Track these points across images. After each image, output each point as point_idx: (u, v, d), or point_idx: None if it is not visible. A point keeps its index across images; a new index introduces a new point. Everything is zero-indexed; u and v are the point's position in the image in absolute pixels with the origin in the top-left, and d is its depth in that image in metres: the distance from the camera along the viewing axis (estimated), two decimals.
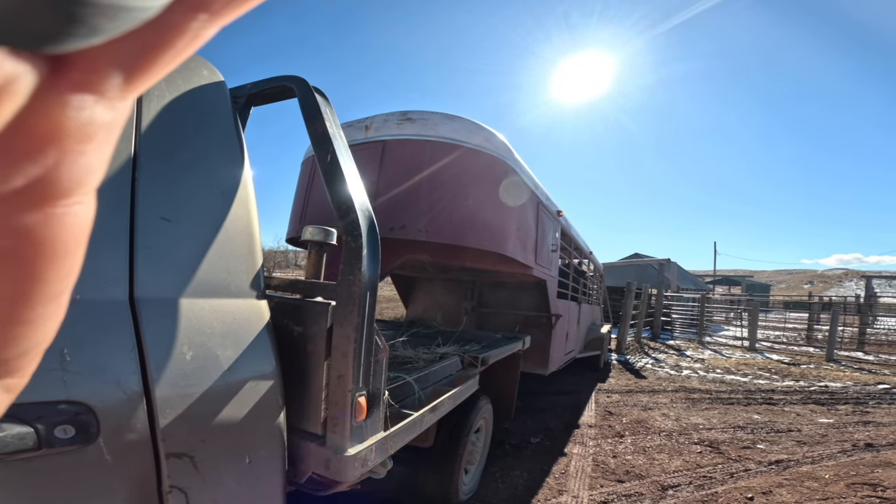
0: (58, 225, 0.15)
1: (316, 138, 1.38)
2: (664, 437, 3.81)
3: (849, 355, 10.29)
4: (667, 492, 2.67)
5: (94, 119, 0.15)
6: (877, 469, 3.15)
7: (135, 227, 0.88)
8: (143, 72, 0.15)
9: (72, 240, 0.16)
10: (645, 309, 11.95)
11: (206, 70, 1.19)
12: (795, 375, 7.52)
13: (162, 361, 0.85)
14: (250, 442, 1.03)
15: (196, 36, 0.16)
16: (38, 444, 0.66)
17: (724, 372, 7.59)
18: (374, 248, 1.29)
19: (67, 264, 0.16)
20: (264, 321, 1.14)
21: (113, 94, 0.15)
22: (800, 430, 4.16)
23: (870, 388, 6.57)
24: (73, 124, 0.14)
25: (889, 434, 4.13)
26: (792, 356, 9.89)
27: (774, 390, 6.22)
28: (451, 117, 2.75)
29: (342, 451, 1.19)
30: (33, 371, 0.18)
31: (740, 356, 9.71)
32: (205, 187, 1.08)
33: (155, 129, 0.98)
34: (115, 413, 0.76)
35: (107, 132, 0.16)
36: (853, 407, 5.27)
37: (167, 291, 0.92)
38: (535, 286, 3.99)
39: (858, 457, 3.44)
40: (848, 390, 6.34)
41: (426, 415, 1.73)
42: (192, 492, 0.88)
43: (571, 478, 2.87)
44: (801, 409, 5.06)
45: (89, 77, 0.15)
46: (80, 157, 0.15)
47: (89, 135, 0.15)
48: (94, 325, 0.77)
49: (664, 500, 2.59)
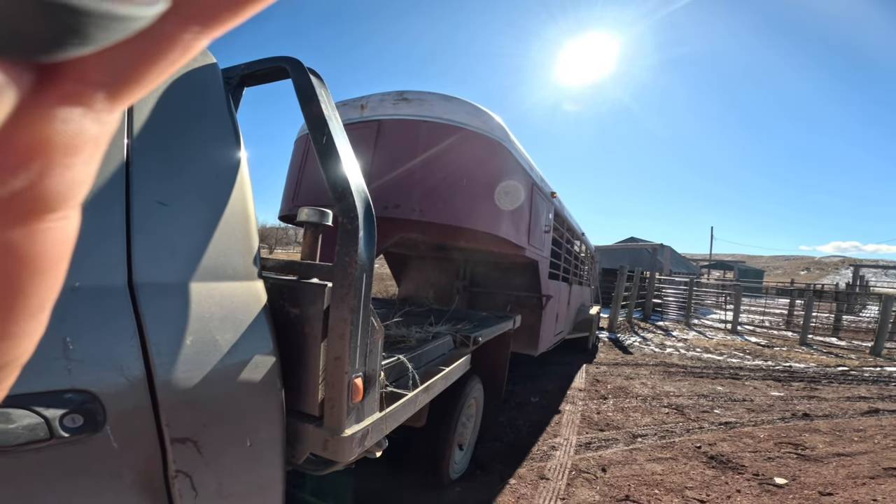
0: (42, 240, 0.15)
1: (311, 120, 1.35)
2: (640, 400, 4.63)
3: (823, 340, 10.91)
4: (636, 439, 3.51)
5: (82, 132, 0.15)
6: (804, 433, 3.87)
7: (131, 211, 0.87)
8: (132, 84, 0.15)
9: (56, 255, 0.16)
10: (636, 291, 12.40)
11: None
12: (766, 356, 8.17)
13: (163, 347, 0.85)
14: (250, 425, 1.05)
15: (187, 48, 0.15)
16: (49, 435, 0.67)
17: (702, 351, 8.33)
18: (370, 230, 1.29)
19: (51, 279, 0.16)
20: (262, 304, 1.14)
21: (101, 107, 0.15)
22: (752, 401, 4.90)
23: (829, 369, 7.22)
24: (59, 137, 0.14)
25: (827, 407, 4.80)
26: (769, 339, 10.59)
27: (742, 368, 6.93)
28: (447, 98, 2.71)
29: (339, 431, 1.21)
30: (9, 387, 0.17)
31: (721, 338, 10.40)
32: (199, 170, 1.07)
33: (147, 113, 0.96)
34: (119, 400, 0.77)
35: (94, 145, 0.15)
36: (806, 384, 5.97)
37: (165, 276, 0.91)
38: (526, 266, 4.02)
39: (793, 423, 4.17)
40: (808, 370, 7.00)
41: (420, 395, 1.76)
42: (197, 475, 0.90)
43: (564, 426, 3.68)
44: (760, 384, 5.80)
45: (77, 89, 0.14)
46: (66, 171, 0.15)
47: (76, 148, 0.15)
48: (94, 313, 0.77)
49: (633, 443, 3.40)
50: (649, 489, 2.68)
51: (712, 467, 3.05)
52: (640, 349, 8.10)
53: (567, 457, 3.09)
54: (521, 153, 3.25)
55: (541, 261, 3.97)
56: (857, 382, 6.35)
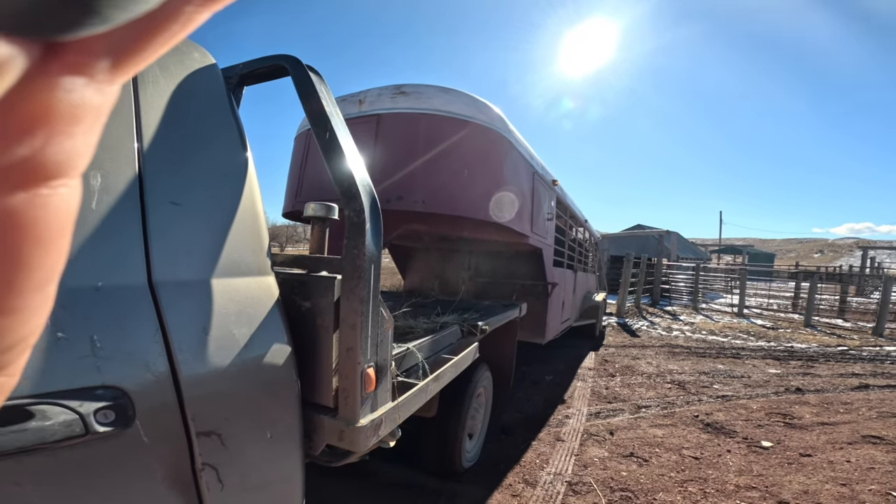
0: (44, 206, 0.15)
1: (313, 116, 1.37)
2: (645, 377, 5.04)
3: (828, 322, 11.09)
4: (640, 409, 3.92)
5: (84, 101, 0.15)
6: (794, 405, 4.19)
7: (146, 213, 0.89)
8: (134, 56, 0.15)
9: (57, 224, 0.16)
10: (643, 277, 12.67)
11: (196, 53, 1.17)
12: (769, 338, 8.41)
13: (184, 342, 0.88)
14: (269, 417, 1.08)
15: (188, 21, 0.16)
16: (84, 430, 0.69)
17: (708, 333, 8.61)
18: (376, 222, 1.31)
19: (54, 251, 0.16)
20: (274, 298, 1.16)
21: (103, 78, 0.15)
22: (750, 377, 5.25)
23: (829, 349, 7.42)
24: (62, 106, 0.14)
25: (820, 383, 5.10)
26: (775, 321, 10.79)
27: (744, 348, 7.21)
28: (444, 90, 2.72)
29: (354, 421, 1.24)
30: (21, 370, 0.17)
31: (728, 321, 10.61)
32: (208, 170, 1.09)
33: (154, 116, 0.98)
34: (147, 395, 0.80)
35: (95, 115, 0.16)
36: (803, 362, 6.24)
37: (182, 274, 0.94)
38: (531, 255, 4.03)
39: (786, 397, 4.49)
40: (808, 350, 7.23)
41: (430, 384, 1.78)
42: (223, 468, 0.93)
43: (576, 399, 4.15)
44: (759, 363, 6.11)
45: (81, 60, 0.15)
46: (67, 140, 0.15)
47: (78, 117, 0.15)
48: (117, 311, 0.79)
49: (638, 413, 3.83)
50: (651, 448, 3.05)
51: (707, 432, 3.39)
52: (647, 333, 8.37)
53: (579, 423, 3.50)
54: (521, 142, 3.26)
55: (545, 248, 3.98)
56: (854, 361, 6.53)
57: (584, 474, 2.66)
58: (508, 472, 2.64)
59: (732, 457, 2.97)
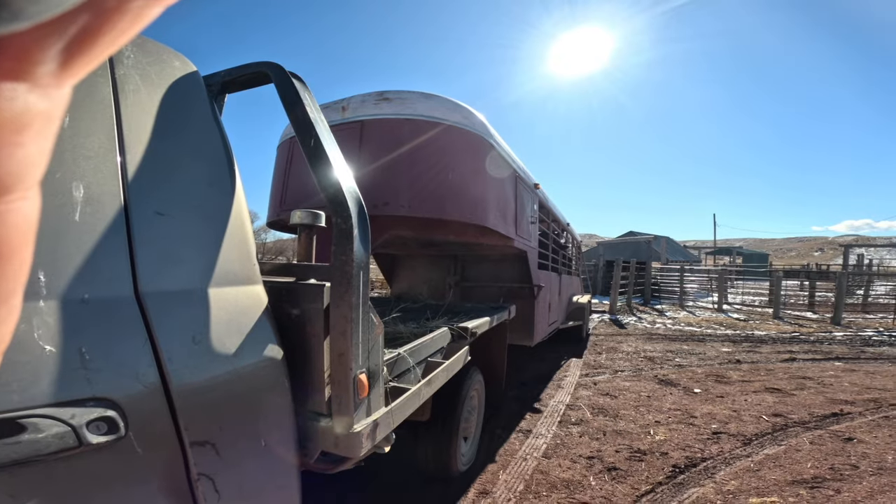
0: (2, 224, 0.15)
1: (297, 124, 1.37)
2: (624, 354, 6.59)
3: (798, 314, 12.35)
4: (617, 372, 5.42)
5: (29, 108, 0.14)
6: (729, 371, 5.57)
7: (130, 223, 0.88)
8: (81, 56, 0.15)
9: (18, 237, 0.15)
10: (633, 279, 14.19)
11: (177, 61, 1.16)
12: (737, 327, 9.74)
13: (174, 352, 0.87)
14: (263, 425, 1.07)
15: (138, 17, 0.15)
16: (77, 442, 0.68)
17: (685, 325, 10.05)
18: (364, 228, 1.31)
19: (15, 263, 0.15)
20: (263, 306, 1.16)
21: (47, 82, 0.14)
22: (705, 354, 6.73)
23: (783, 335, 8.71)
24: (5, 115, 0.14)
25: (757, 357, 6.47)
26: (749, 315, 12.09)
27: (710, 335, 8.59)
28: (427, 96, 2.74)
29: (349, 427, 1.23)
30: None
31: (708, 315, 12.02)
32: (192, 179, 1.08)
33: (136, 126, 0.97)
34: (139, 406, 0.78)
35: (44, 122, 0.15)
36: (753, 344, 7.61)
37: (169, 284, 0.93)
38: (516, 258, 4.06)
39: (726, 366, 5.90)
40: (764, 336, 8.55)
41: (423, 388, 1.78)
42: (219, 477, 0.92)
43: (572, 368, 5.60)
44: (717, 345, 7.56)
45: (18, 65, 0.14)
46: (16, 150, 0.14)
47: (24, 125, 0.14)
48: (105, 323, 0.78)
49: (615, 374, 5.32)
50: (620, 391, 4.56)
51: (659, 384, 4.88)
52: (633, 325, 9.87)
53: (574, 379, 5.01)
54: (503, 146, 3.29)
55: (529, 251, 4.02)
56: (797, 342, 7.80)
57: (576, 402, 4.18)
58: (531, 401, 4.14)
59: (672, 397, 4.41)
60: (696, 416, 3.76)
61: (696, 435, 3.31)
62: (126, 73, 0.99)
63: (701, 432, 3.37)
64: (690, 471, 2.71)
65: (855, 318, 11.36)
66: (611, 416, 3.74)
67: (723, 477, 2.62)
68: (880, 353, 6.92)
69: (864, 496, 2.40)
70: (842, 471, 2.70)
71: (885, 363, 6.13)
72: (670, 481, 2.58)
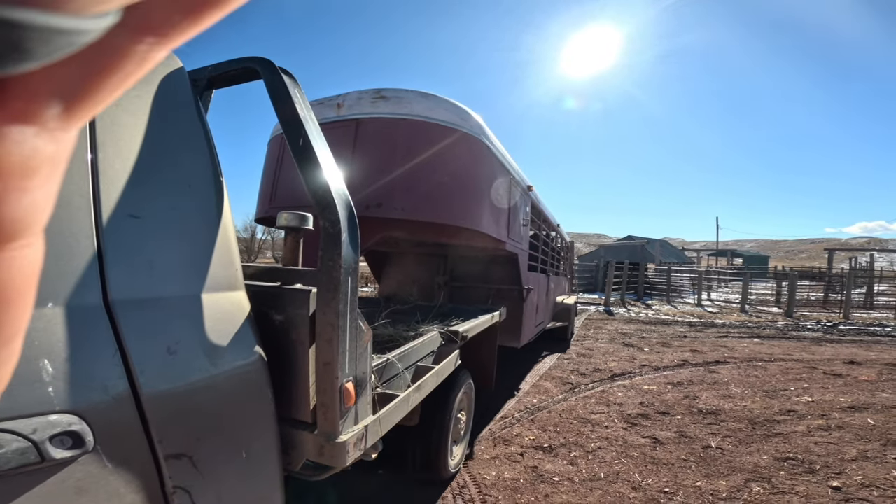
0: (7, 269, 0.14)
1: (286, 122, 1.32)
2: (606, 331, 8.97)
3: (765, 309, 14.52)
4: (597, 340, 7.79)
5: (36, 152, 0.14)
6: (674, 341, 7.83)
7: (100, 227, 0.83)
8: (88, 100, 0.14)
9: (22, 283, 0.15)
10: (626, 278, 16.64)
11: None
12: (704, 318, 11.87)
13: (146, 364, 0.82)
14: (244, 436, 1.03)
15: (144, 60, 0.15)
16: (40, 458, 0.65)
17: (664, 315, 12.26)
18: (352, 233, 1.27)
19: (19, 308, 0.16)
20: (245, 313, 1.11)
21: (55, 125, 0.14)
22: (664, 332, 9.04)
23: (736, 323, 10.88)
24: (12, 159, 0.13)
25: (700, 335, 8.68)
26: (722, 309, 14.20)
27: (677, 321, 10.89)
28: (425, 95, 2.70)
29: (334, 437, 1.20)
30: None
31: (687, 309, 14.08)
32: (171, 180, 1.03)
33: (111, 123, 0.92)
34: (107, 419, 0.74)
35: (51, 166, 0.15)
36: (705, 328, 9.80)
37: (142, 291, 0.88)
38: (507, 260, 4.04)
39: (675, 338, 8.19)
40: (720, 323, 10.63)
41: (412, 394, 1.75)
42: (196, 490, 0.88)
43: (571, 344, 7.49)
44: (678, 328, 9.73)
45: (28, 107, 0.13)
46: (23, 195, 0.14)
47: (32, 170, 0.14)
48: (71, 333, 0.73)
49: (595, 341, 7.68)
50: (597, 349, 6.88)
51: (622, 346, 7.25)
52: (622, 315, 12.09)
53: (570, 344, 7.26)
54: (499, 148, 3.26)
55: (520, 254, 4.00)
56: (741, 327, 10.02)
57: (567, 355, 6.36)
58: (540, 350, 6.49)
59: (627, 351, 6.81)
60: (637, 359, 6.17)
61: (631, 366, 5.74)
62: None
63: (635, 366, 5.78)
64: (621, 377, 5.18)
65: (811, 313, 13.42)
66: (587, 357, 6.28)
67: (635, 380, 5.03)
68: (799, 335, 8.90)
69: (703, 390, 4.65)
70: (697, 383, 4.97)
71: (792, 341, 8.12)
72: (610, 378, 5.10)
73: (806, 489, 2.54)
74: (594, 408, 3.96)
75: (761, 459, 2.93)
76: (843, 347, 7.58)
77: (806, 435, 3.39)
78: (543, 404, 4.05)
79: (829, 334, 9.19)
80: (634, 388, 4.66)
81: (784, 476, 2.70)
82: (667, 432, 3.41)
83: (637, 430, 3.45)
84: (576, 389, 4.55)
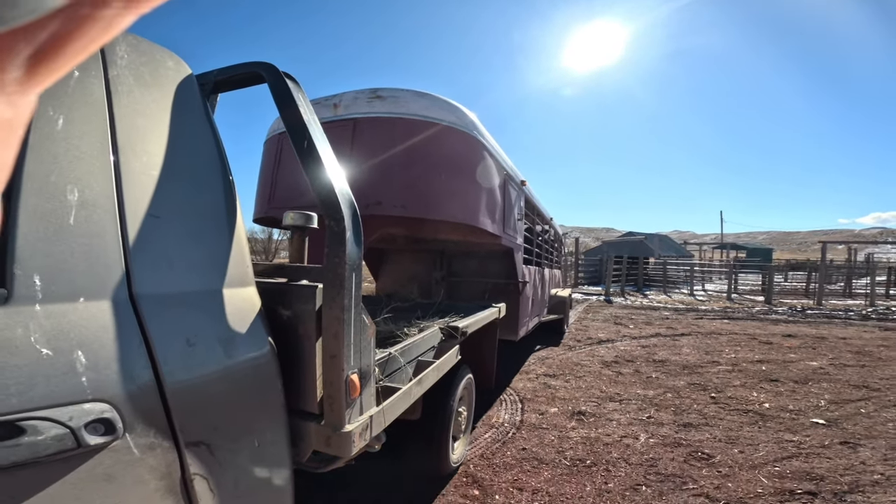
0: None
1: (291, 125, 1.37)
2: (602, 315, 10.57)
3: (751, 298, 15.88)
4: (594, 321, 9.56)
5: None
6: (656, 321, 9.51)
7: (125, 226, 0.88)
8: (49, 64, 0.14)
9: None
10: (625, 271, 17.95)
11: (171, 61, 1.15)
12: (692, 305, 13.32)
13: (168, 354, 0.87)
14: (256, 425, 1.08)
15: (109, 25, 0.14)
16: (76, 444, 0.69)
17: (656, 303, 13.77)
18: (356, 231, 1.32)
19: None
20: (256, 308, 1.16)
21: (13, 90, 0.14)
22: (651, 315, 10.65)
23: (717, 308, 12.36)
24: None
25: (681, 318, 10.12)
26: (711, 298, 15.66)
27: (665, 308, 12.38)
28: (421, 94, 2.74)
29: (340, 427, 1.25)
30: None
31: (680, 298, 15.62)
32: (186, 181, 1.07)
33: (129, 127, 0.96)
34: (134, 408, 0.79)
35: (8, 130, 0.14)
36: (687, 312, 11.28)
37: (164, 287, 0.93)
38: (502, 254, 4.10)
39: (658, 319, 9.89)
40: (704, 309, 12.06)
41: (414, 387, 1.80)
42: (213, 477, 0.93)
43: (571, 320, 9.18)
44: (664, 312, 11.26)
45: None
46: None
47: None
48: (101, 325, 0.78)
49: (593, 321, 9.56)
50: (593, 326, 8.68)
51: (613, 325, 8.89)
52: (619, 303, 13.66)
53: (571, 323, 8.67)
54: (493, 145, 3.31)
55: (516, 248, 4.06)
56: (717, 312, 11.37)
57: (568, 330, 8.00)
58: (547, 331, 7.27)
59: (615, 327, 8.56)
60: (622, 332, 7.93)
61: (616, 335, 7.60)
62: (119, 73, 0.98)
63: (619, 335, 7.59)
64: (606, 342, 6.88)
65: (791, 301, 14.70)
66: (583, 330, 8.05)
67: (616, 344, 6.75)
68: (765, 318, 10.33)
69: (662, 349, 6.37)
70: (661, 346, 6.60)
71: (756, 322, 9.62)
72: (598, 343, 6.82)
73: (696, 397, 4.20)
74: (583, 359, 5.79)
75: (678, 383, 4.65)
76: (794, 326, 8.92)
77: (714, 374, 5.05)
78: (549, 357, 5.85)
79: (793, 318, 10.50)
80: (614, 348, 6.51)
81: (687, 391, 4.39)
82: (627, 370, 5.22)
83: (609, 368, 5.29)
84: (573, 349, 6.40)
